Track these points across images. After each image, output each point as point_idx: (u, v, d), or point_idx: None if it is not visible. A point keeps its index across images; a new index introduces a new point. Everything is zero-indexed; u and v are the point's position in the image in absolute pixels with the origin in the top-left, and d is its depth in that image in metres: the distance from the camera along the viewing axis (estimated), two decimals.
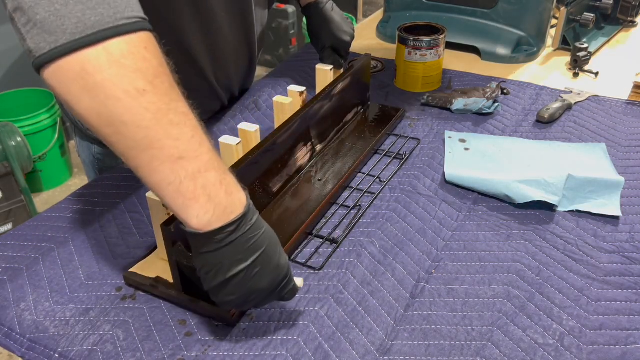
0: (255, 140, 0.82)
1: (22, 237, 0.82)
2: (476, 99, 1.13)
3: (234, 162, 0.77)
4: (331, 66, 1.00)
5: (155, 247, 0.76)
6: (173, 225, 0.64)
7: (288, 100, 0.91)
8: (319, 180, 0.90)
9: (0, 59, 2.42)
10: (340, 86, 0.99)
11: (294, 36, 3.44)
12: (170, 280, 0.70)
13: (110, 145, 0.54)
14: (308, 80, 1.29)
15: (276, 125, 0.89)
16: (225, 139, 0.79)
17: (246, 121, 1.05)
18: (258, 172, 0.80)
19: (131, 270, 0.74)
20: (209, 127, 1.09)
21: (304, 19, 3.30)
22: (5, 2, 0.50)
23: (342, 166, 0.94)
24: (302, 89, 0.93)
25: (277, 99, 0.91)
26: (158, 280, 0.72)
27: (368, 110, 1.12)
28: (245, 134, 0.82)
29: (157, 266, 0.74)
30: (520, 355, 0.64)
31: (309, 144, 0.94)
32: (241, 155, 0.79)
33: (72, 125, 1.04)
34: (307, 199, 0.86)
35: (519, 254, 0.78)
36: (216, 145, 1.03)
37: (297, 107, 0.92)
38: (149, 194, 0.68)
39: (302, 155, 0.92)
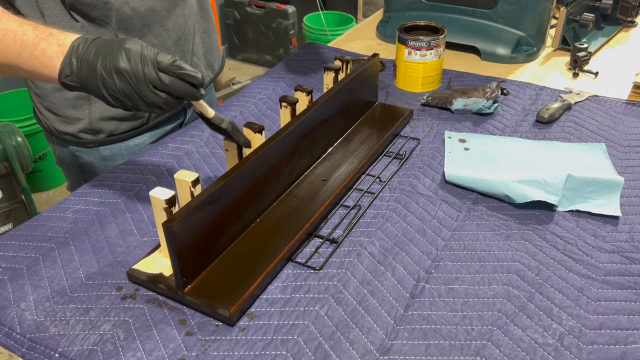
0: (260, 139, 0.82)
1: (22, 237, 0.82)
2: (476, 99, 1.13)
3: (238, 162, 0.77)
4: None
5: (158, 246, 0.77)
6: (175, 224, 0.64)
7: (295, 100, 0.90)
8: (323, 180, 0.90)
9: None
10: (347, 86, 0.98)
11: (294, 36, 3.44)
12: (173, 278, 0.71)
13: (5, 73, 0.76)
14: (307, 80, 1.29)
15: (282, 124, 0.89)
16: (285, 97, 0.78)
17: (246, 120, 1.06)
18: (263, 172, 0.80)
19: (134, 267, 0.74)
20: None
21: (304, 19, 3.31)
22: None
23: (348, 167, 0.94)
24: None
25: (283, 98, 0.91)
26: (160, 277, 0.72)
27: (376, 110, 1.12)
28: (249, 134, 0.82)
29: (159, 264, 0.74)
30: (520, 354, 0.64)
31: (315, 143, 0.93)
32: (245, 154, 0.79)
33: (49, 135, 1.07)
34: (312, 198, 0.86)
35: (518, 254, 0.78)
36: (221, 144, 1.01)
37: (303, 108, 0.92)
38: (152, 193, 0.68)
39: (308, 155, 0.92)
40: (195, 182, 0.70)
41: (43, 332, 0.67)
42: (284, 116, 0.90)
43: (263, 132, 0.82)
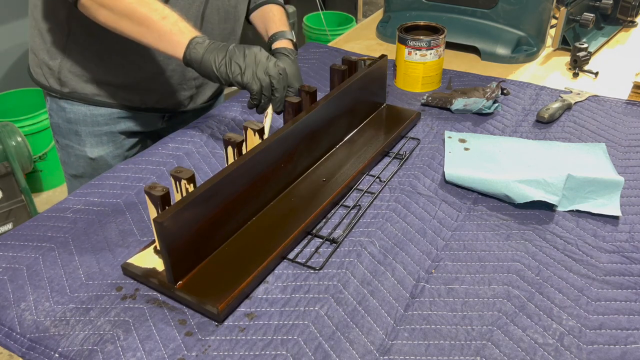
0: (257, 140, 0.82)
1: (22, 237, 0.82)
2: (476, 99, 1.13)
3: (234, 161, 0.77)
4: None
5: (155, 240, 0.77)
6: (166, 220, 0.64)
7: (297, 100, 0.90)
8: (323, 180, 0.90)
9: (0, 59, 2.42)
10: (354, 87, 0.98)
11: None
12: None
13: (132, 37, 0.88)
14: (307, 79, 1.29)
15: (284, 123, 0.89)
16: (229, 136, 0.79)
17: (246, 119, 1.05)
18: (260, 171, 0.80)
19: (129, 261, 0.75)
20: (209, 126, 1.09)
21: (304, 19, 3.31)
22: None
23: (350, 167, 0.93)
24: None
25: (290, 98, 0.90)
26: (153, 271, 0.73)
27: (383, 111, 1.11)
28: (250, 133, 0.82)
29: (154, 258, 0.75)
30: (520, 354, 0.64)
31: (318, 144, 0.93)
32: (245, 151, 0.79)
33: (44, 90, 1.13)
34: (310, 198, 0.86)
35: (518, 254, 0.78)
36: (220, 146, 1.01)
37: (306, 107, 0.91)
38: (146, 188, 0.68)
39: (309, 155, 0.92)
40: (190, 179, 0.70)
41: (43, 332, 0.67)
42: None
43: (263, 133, 0.83)
